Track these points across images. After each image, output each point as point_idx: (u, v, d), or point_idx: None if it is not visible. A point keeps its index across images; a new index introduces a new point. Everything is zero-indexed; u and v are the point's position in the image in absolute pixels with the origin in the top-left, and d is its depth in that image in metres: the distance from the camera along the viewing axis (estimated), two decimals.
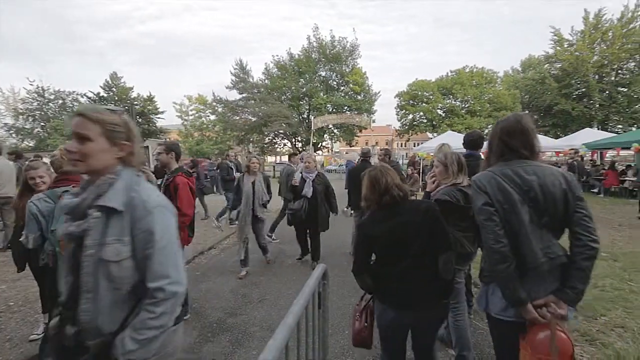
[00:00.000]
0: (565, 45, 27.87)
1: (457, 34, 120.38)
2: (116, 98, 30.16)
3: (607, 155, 16.25)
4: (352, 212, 5.53)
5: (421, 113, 35.71)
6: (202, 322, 3.37)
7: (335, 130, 33.44)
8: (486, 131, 32.39)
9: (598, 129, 20.68)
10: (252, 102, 29.97)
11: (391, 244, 1.79)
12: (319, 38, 30.64)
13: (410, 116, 36.69)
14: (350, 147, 35.50)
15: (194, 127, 39.72)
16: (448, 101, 34.78)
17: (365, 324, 1.94)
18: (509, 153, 1.60)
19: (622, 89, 26.11)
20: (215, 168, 15.44)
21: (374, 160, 6.89)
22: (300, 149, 33.65)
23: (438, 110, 34.94)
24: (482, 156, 2.42)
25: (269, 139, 33.04)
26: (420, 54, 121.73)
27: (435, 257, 1.77)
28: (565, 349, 1.37)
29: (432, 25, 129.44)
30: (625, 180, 11.73)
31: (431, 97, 34.99)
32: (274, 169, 27.90)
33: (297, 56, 31.24)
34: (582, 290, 1.50)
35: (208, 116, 38.77)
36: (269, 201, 4.95)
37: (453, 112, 33.58)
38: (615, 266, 4.59)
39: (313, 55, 30.96)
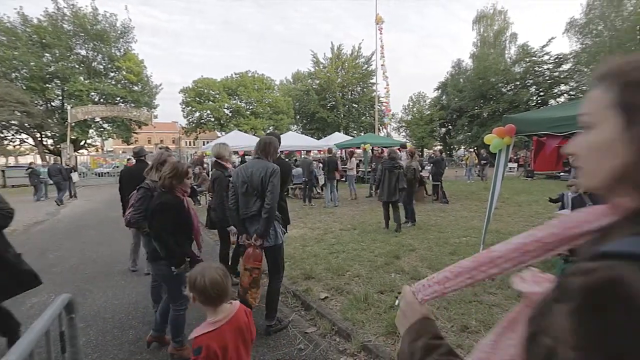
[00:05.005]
0: (321, 67, 35.42)
1: (244, 40, 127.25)
2: None
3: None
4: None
5: (208, 111, 35.35)
6: None
7: (106, 125, 27.54)
8: (268, 130, 36.13)
9: (343, 133, 27.64)
10: None
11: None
12: (74, 5, 24.04)
13: (198, 114, 35.57)
14: (128, 145, 30.32)
15: None
16: (234, 101, 36.22)
17: None
18: (256, 154, 2.94)
19: (355, 105, 36.17)
20: None
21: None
22: (52, 147, 25.48)
23: (225, 110, 35.72)
24: (282, 155, 3.49)
25: None
26: (209, 52, 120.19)
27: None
28: (259, 257, 2.76)
29: (221, 27, 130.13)
30: (359, 170, 16.45)
31: (217, 96, 35.30)
32: (3, 175, 19.47)
33: (36, 21, 23.17)
34: (265, 230, 2.75)
35: None
36: None
37: (239, 113, 35.32)
38: (354, 233, 6.31)
39: (65, 26, 23.95)
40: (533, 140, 4.79)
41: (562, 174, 14.47)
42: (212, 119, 35.78)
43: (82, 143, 26.88)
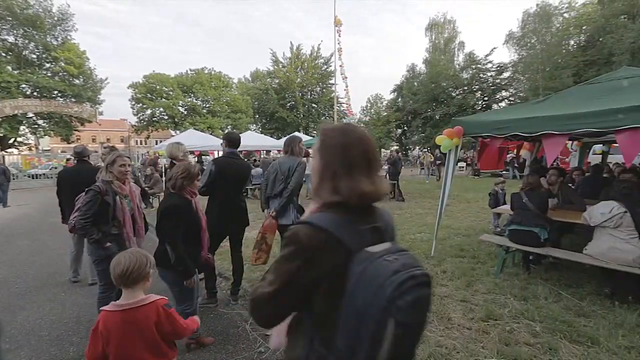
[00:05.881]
0: (280, 66, 35.14)
1: (201, 35, 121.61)
2: None
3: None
4: None
5: (161, 109, 33.44)
6: None
7: (41, 122, 24.89)
8: (227, 130, 35.16)
9: (303, 133, 27.69)
10: None
11: None
12: None
13: (149, 111, 33.50)
14: (68, 143, 27.68)
15: None
16: (189, 99, 34.65)
17: None
18: (285, 152, 3.63)
19: (314, 105, 36.41)
20: None
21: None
22: None
23: (179, 108, 34.04)
24: (241, 155, 3.77)
25: None
26: (162, 46, 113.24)
27: None
28: (268, 226, 3.43)
29: (175, 20, 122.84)
30: None
31: (171, 92, 33.53)
32: None
33: None
34: (281, 205, 3.41)
35: None
36: None
37: (195, 111, 33.86)
38: None
39: None
40: (479, 141, 5.17)
41: (503, 172, 15.79)
42: (166, 117, 33.91)
43: (11, 141, 24.01)
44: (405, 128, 35.82)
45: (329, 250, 0.83)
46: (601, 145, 8.44)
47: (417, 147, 35.19)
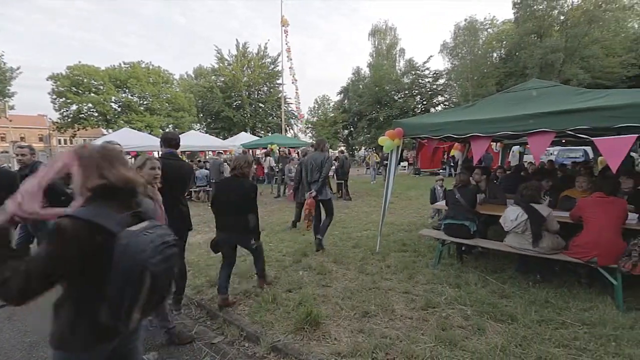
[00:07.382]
0: (226, 64, 33.93)
1: (136, 27, 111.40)
2: None
3: (257, 153, 21.74)
4: None
5: (90, 104, 30.14)
6: None
7: None
8: (167, 129, 32.97)
9: (250, 133, 27.08)
10: None
11: None
12: None
13: (75, 107, 29.99)
14: None
15: None
16: (124, 95, 31.76)
17: None
18: (315, 149, 5.37)
19: (262, 105, 35.83)
20: None
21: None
22: None
23: (112, 104, 31.03)
24: (179, 155, 3.55)
25: None
26: (90, 35, 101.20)
27: None
28: (312, 204, 4.97)
29: (107, 8, 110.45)
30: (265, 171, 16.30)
31: (102, 87, 30.41)
32: None
33: None
34: (320, 187, 4.92)
35: None
36: None
37: (130, 108, 31.15)
38: (262, 235, 6.17)
39: None
40: (418, 142, 5.54)
41: (441, 170, 17.11)
42: (95, 114, 30.64)
43: None
44: (352, 129, 36.98)
45: (88, 234, 1.12)
46: (518, 146, 9.60)
47: (363, 148, 36.53)
